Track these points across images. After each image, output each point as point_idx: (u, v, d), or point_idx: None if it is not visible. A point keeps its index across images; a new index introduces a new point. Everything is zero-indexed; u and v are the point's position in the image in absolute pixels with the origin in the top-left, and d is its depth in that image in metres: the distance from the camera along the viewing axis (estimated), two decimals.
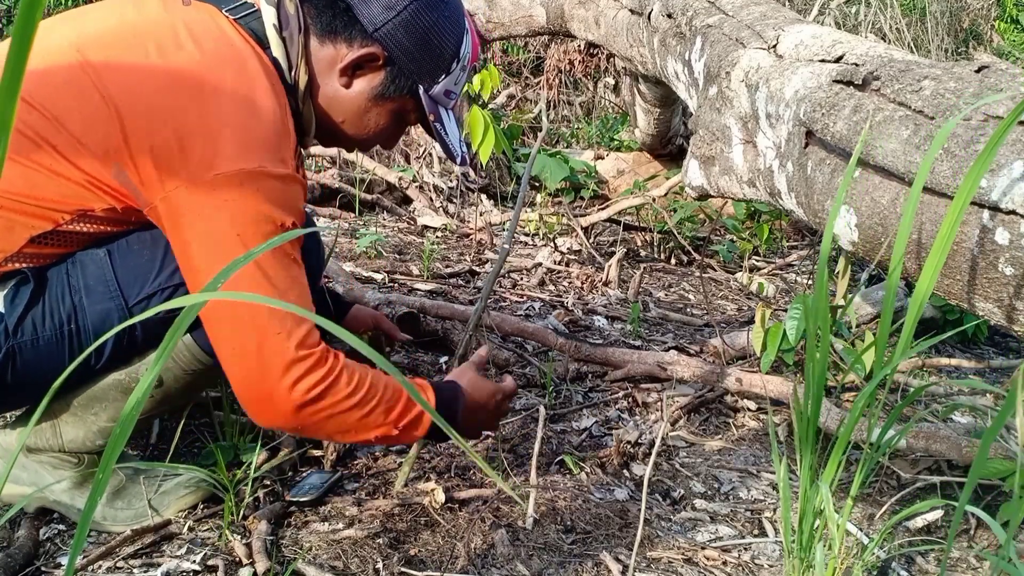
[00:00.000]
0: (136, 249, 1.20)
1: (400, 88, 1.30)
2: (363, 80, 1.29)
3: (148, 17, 1.18)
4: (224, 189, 1.10)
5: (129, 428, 0.58)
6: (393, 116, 1.35)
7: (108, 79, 1.12)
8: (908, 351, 1.10)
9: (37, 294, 1.17)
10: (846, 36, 1.56)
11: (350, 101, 1.30)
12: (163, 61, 1.13)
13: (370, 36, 1.25)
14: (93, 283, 1.18)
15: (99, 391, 1.28)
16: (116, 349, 1.24)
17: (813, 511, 1.21)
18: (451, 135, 1.38)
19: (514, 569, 1.33)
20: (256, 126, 1.14)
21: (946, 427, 1.78)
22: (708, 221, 3.64)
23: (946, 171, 1.10)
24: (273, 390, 1.13)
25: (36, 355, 1.18)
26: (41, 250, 1.17)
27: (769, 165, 1.62)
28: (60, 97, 1.11)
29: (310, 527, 1.40)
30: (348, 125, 1.33)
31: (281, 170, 1.14)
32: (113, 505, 1.36)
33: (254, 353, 1.12)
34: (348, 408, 1.18)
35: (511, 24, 3.72)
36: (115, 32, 1.16)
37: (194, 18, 1.19)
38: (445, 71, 1.32)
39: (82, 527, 0.58)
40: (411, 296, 2.42)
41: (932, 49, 6.61)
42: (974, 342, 2.71)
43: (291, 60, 1.24)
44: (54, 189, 1.12)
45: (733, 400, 2.07)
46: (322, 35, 1.27)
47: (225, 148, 1.10)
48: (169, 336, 0.57)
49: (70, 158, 1.11)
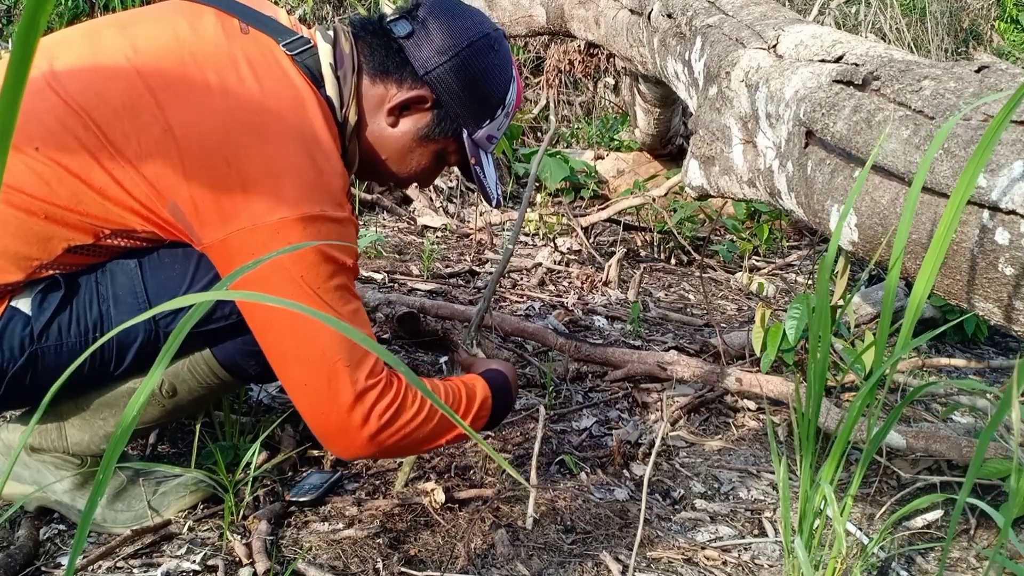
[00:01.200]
0: (167, 263, 1.20)
1: (445, 131, 1.32)
2: (409, 120, 1.31)
3: (206, 41, 1.17)
4: (286, 233, 1.10)
5: (130, 430, 0.58)
6: (435, 156, 1.36)
7: (169, 110, 1.11)
8: (907, 347, 1.10)
9: (66, 300, 1.17)
10: (846, 36, 1.56)
11: (395, 140, 1.32)
12: (224, 96, 1.13)
13: (420, 79, 1.27)
14: (122, 293, 1.19)
15: (112, 398, 1.28)
16: (138, 358, 1.23)
17: (813, 511, 1.21)
18: (489, 179, 1.40)
19: (514, 569, 1.33)
20: (316, 171, 1.14)
21: (946, 427, 1.78)
22: (708, 221, 3.64)
23: (946, 171, 1.10)
24: (347, 423, 1.16)
25: (58, 360, 1.17)
26: (76, 259, 1.17)
27: (769, 165, 1.62)
28: (119, 122, 1.10)
29: (310, 527, 1.40)
30: (391, 163, 1.35)
31: (340, 213, 1.16)
32: (113, 507, 1.36)
33: (324, 387, 1.14)
34: (420, 424, 1.22)
35: (511, 24, 3.72)
36: (173, 54, 1.15)
37: (254, 51, 1.18)
38: (490, 117, 1.33)
39: (82, 528, 0.58)
40: (411, 296, 2.42)
41: (932, 49, 6.61)
42: (974, 342, 2.71)
43: (343, 99, 1.26)
44: (100, 208, 1.12)
45: (733, 400, 2.07)
46: (373, 74, 1.29)
47: (288, 192, 1.11)
48: (174, 336, 0.57)
49: (124, 186, 1.11)
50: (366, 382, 1.16)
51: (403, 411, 1.19)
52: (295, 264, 1.12)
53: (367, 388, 1.16)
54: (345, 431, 1.17)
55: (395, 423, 1.19)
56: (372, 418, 1.16)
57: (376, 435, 1.18)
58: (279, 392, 1.85)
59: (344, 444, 1.19)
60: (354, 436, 1.17)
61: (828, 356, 1.18)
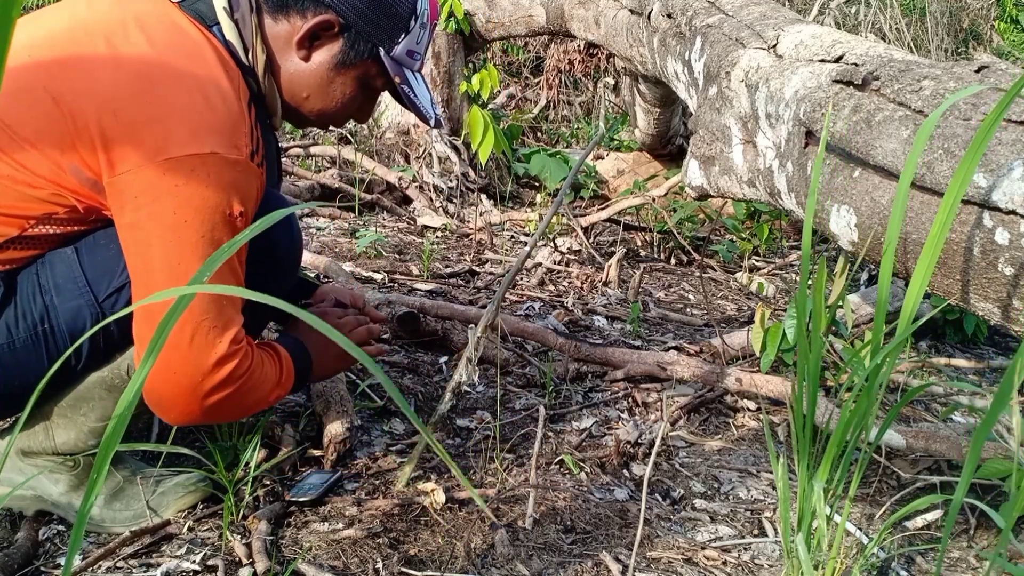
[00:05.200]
0: (103, 244, 1.19)
1: (360, 53, 1.28)
2: (322, 51, 1.27)
3: (99, 12, 1.17)
4: (174, 174, 1.08)
5: (121, 429, 0.58)
6: (359, 84, 1.32)
7: (59, 79, 1.10)
8: (904, 346, 1.10)
9: (8, 297, 1.16)
10: (846, 36, 1.56)
11: (311, 74, 1.28)
12: (112, 54, 1.12)
13: (322, 3, 1.23)
14: (62, 281, 1.18)
15: (84, 391, 1.27)
16: (94, 349, 1.23)
17: (812, 511, 1.21)
18: (421, 97, 1.35)
19: (514, 569, 1.33)
20: (208, 111, 1.12)
21: (946, 427, 1.78)
22: (708, 221, 3.64)
23: (945, 171, 1.10)
24: (197, 387, 1.14)
25: (14, 358, 1.17)
26: (10, 255, 1.16)
27: (769, 165, 1.62)
28: (13, 105, 1.10)
29: (310, 527, 1.40)
30: (314, 100, 1.31)
31: (234, 156, 1.13)
32: (112, 507, 1.36)
33: (185, 345, 1.12)
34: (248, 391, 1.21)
35: (511, 24, 3.72)
36: (67, 31, 1.15)
37: (145, 10, 1.17)
38: (404, 30, 1.29)
39: (77, 528, 0.58)
40: (411, 296, 2.42)
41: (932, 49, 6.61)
42: (974, 342, 2.71)
43: (245, 42, 1.22)
44: (15, 195, 1.11)
45: (733, 400, 2.07)
46: (275, 11, 1.25)
47: (176, 133, 1.09)
48: (158, 332, 0.57)
49: (27, 165, 1.10)
50: (230, 348, 1.14)
51: (250, 380, 1.19)
52: (178, 208, 1.09)
53: (229, 355, 1.15)
54: (191, 394, 1.14)
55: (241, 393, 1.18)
56: (225, 385, 1.15)
57: (219, 403, 1.16)
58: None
59: (183, 407, 1.16)
60: (198, 401, 1.15)
61: (821, 353, 1.18)
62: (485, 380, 2.05)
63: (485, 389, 2.02)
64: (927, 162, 1.13)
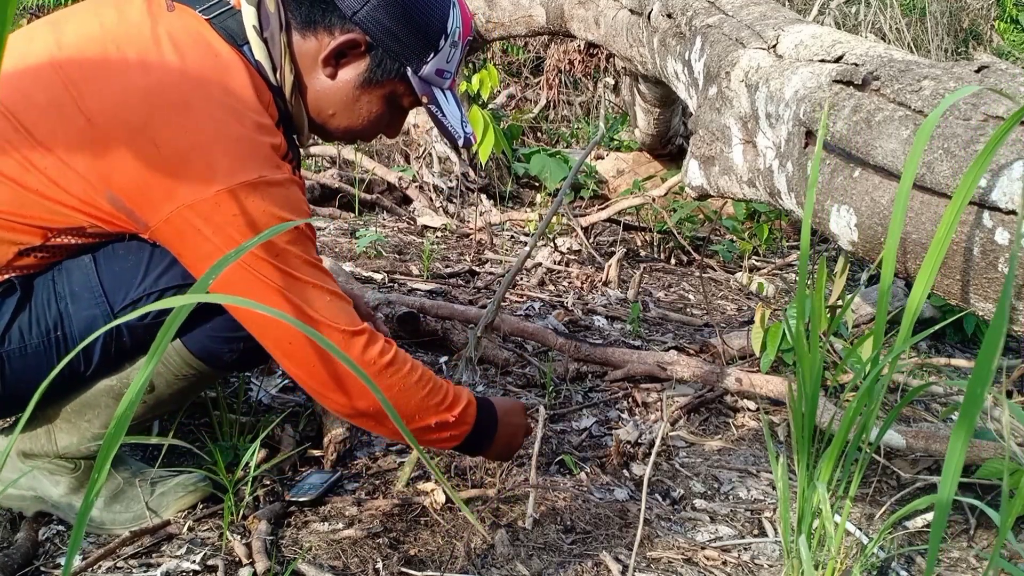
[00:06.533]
0: (121, 255, 1.19)
1: (387, 72, 1.26)
2: (348, 69, 1.25)
3: (131, 24, 1.14)
4: (228, 204, 1.08)
5: (122, 432, 0.58)
6: (385, 102, 1.30)
7: (90, 99, 1.08)
8: (905, 345, 1.10)
9: (23, 302, 1.16)
10: (846, 36, 1.56)
11: (337, 92, 1.27)
12: (145, 76, 1.10)
13: (349, 21, 1.21)
14: (79, 289, 1.17)
15: (91, 398, 1.27)
16: (104, 356, 1.23)
17: (812, 511, 1.21)
18: (450, 116, 1.32)
19: (514, 569, 1.33)
20: (247, 136, 1.12)
21: (946, 427, 1.78)
22: (708, 221, 3.64)
23: (946, 171, 1.10)
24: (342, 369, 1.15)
25: (25, 364, 1.17)
26: (30, 262, 1.16)
27: (769, 165, 1.62)
28: (43, 119, 1.08)
29: (310, 527, 1.39)
30: (340, 117, 1.29)
31: (279, 175, 1.13)
32: (112, 508, 1.36)
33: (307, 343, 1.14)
34: (415, 382, 1.22)
35: (511, 24, 3.72)
36: (97, 43, 1.12)
37: (177, 26, 1.15)
38: (433, 49, 1.26)
39: (77, 529, 0.58)
40: (411, 296, 2.42)
41: (932, 49, 6.61)
42: (974, 342, 2.71)
43: (274, 61, 1.21)
44: (42, 209, 1.11)
45: (733, 400, 2.07)
46: (303, 29, 1.23)
47: (221, 163, 1.09)
48: (160, 337, 0.57)
49: (61, 184, 1.09)
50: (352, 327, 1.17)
51: (397, 360, 1.20)
52: (245, 236, 1.09)
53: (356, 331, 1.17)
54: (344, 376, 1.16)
55: (393, 366, 1.19)
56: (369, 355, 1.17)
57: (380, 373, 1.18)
58: (279, 392, 1.85)
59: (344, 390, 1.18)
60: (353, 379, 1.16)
61: (819, 352, 1.18)
62: (485, 380, 2.05)
63: (485, 389, 2.01)
64: (927, 162, 1.13)
